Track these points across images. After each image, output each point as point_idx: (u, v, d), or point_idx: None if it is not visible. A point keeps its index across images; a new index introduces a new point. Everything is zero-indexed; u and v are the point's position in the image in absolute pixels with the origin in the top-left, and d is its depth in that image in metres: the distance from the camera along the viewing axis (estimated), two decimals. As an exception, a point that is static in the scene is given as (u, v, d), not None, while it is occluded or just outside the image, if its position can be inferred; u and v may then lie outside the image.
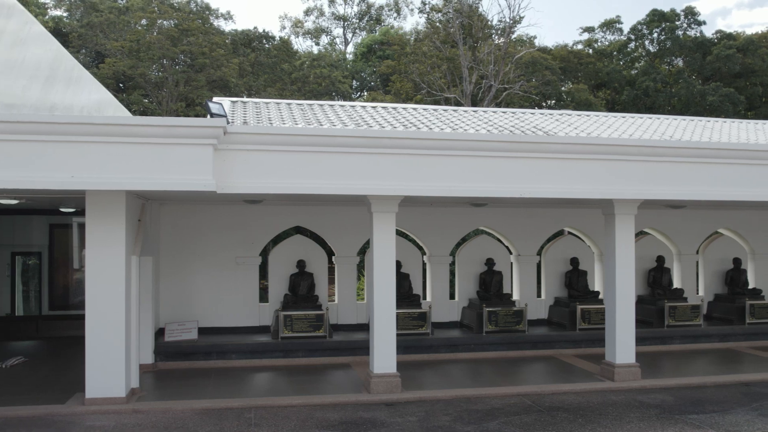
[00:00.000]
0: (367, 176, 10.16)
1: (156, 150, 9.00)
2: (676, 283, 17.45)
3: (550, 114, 16.33)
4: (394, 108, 15.22)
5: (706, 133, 14.64)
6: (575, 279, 16.32)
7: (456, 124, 13.13)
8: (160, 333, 13.55)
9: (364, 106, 15.15)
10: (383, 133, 10.49)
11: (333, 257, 15.71)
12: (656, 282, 16.82)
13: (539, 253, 16.97)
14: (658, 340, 15.34)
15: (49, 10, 39.52)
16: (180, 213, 14.52)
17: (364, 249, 16.09)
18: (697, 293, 17.85)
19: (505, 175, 10.62)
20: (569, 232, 18.14)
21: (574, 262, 16.40)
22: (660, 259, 16.90)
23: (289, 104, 14.51)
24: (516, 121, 14.18)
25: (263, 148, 9.79)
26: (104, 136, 8.84)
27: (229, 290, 14.73)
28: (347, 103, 15.14)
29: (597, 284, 17.07)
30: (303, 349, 13.51)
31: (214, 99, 12.45)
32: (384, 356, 10.95)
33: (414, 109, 15.40)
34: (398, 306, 11.90)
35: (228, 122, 9.70)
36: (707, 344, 15.60)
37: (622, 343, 11.93)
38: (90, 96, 10.45)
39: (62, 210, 15.48)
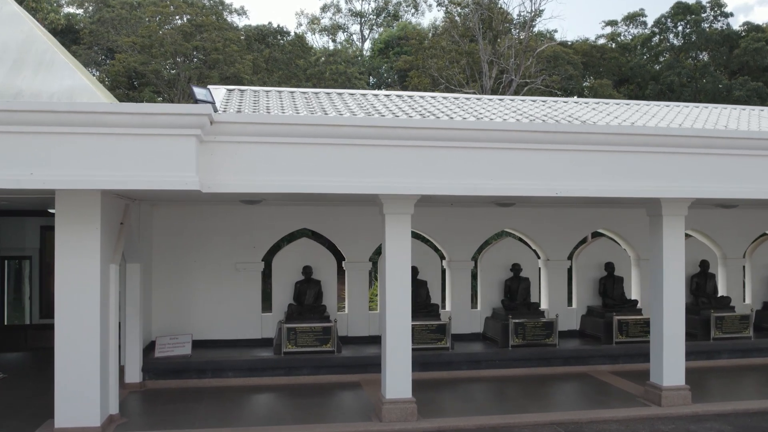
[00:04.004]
0: (378, 172, 8.79)
1: (129, 142, 7.66)
2: (721, 290, 15.88)
3: (586, 102, 14.80)
4: (410, 96, 13.76)
5: (763, 122, 13.05)
6: (610, 286, 14.79)
7: (480, 114, 11.71)
8: (150, 347, 12.27)
9: (376, 95, 13.68)
10: (397, 122, 9.11)
11: (343, 262, 14.34)
12: (700, 289, 15.24)
13: (570, 258, 15.44)
14: (703, 355, 13.77)
15: (62, 8, 38.60)
16: (174, 215, 13.25)
17: (379, 252, 14.70)
18: (744, 301, 16.26)
19: (538, 171, 9.20)
20: (597, 233, 16.60)
21: (609, 267, 14.87)
22: (704, 264, 15.32)
23: (292, 92, 13.07)
24: (548, 110, 12.70)
25: (257, 139, 8.45)
26: (69, 126, 7.53)
27: (229, 299, 13.43)
28: (357, 91, 13.67)
29: (634, 292, 15.52)
30: (308, 366, 12.16)
31: (209, 86, 11.11)
32: (397, 379, 9.56)
33: (432, 97, 13.93)
34: (414, 317, 10.53)
35: (215, 110, 8.38)
36: (758, 359, 14.00)
37: (671, 362, 10.44)
38: (62, 82, 9.18)
39: (51, 211, 14.27)
